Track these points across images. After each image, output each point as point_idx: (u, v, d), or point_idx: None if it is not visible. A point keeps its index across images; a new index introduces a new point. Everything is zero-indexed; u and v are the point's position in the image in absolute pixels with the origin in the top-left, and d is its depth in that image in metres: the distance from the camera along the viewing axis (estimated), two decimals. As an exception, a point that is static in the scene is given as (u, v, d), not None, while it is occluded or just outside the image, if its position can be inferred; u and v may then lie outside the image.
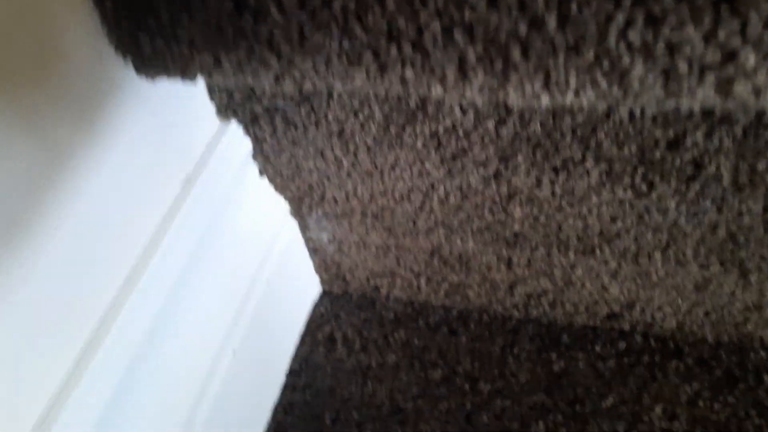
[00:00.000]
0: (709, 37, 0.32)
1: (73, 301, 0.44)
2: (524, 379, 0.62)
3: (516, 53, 0.35)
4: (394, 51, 0.37)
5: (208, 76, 0.44)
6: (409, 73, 0.39)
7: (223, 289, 0.57)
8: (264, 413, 0.64)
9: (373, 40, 0.37)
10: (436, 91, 0.40)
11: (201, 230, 0.52)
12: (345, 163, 0.56)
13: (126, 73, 0.46)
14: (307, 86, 0.44)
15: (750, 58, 0.32)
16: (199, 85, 0.54)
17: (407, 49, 0.37)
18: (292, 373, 0.67)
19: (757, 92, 0.34)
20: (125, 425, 0.48)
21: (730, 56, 0.32)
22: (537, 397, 0.61)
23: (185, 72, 0.44)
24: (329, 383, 0.65)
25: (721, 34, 0.31)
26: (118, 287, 0.47)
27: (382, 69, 0.39)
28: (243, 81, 0.44)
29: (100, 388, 0.45)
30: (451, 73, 0.38)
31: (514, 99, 0.39)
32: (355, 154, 0.55)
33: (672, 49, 0.33)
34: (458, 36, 0.35)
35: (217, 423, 0.55)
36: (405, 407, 0.62)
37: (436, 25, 0.35)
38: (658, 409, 0.58)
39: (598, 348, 0.64)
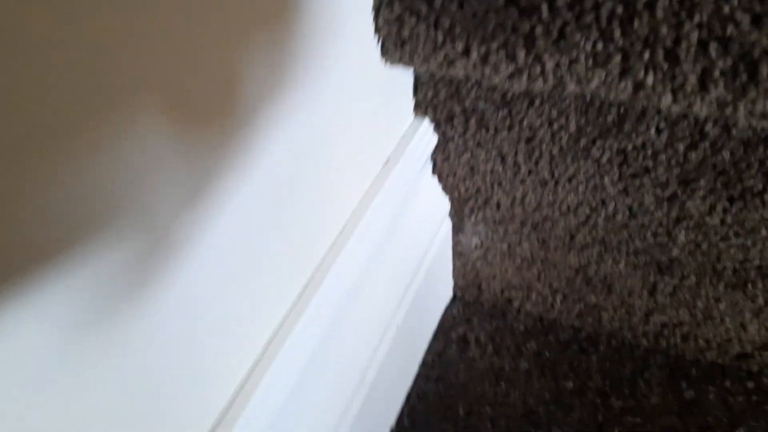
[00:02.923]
0: None
1: (287, 255, 0.49)
2: (655, 401, 0.65)
3: (764, 70, 0.40)
4: (646, 56, 0.42)
5: (448, 66, 0.50)
6: (649, 79, 0.43)
7: (398, 271, 0.62)
8: (399, 398, 0.67)
9: (628, 44, 0.42)
10: (665, 100, 0.45)
11: (394, 211, 0.57)
12: (523, 169, 0.61)
13: (367, 55, 0.52)
14: (537, 85, 0.49)
15: None
16: (407, 78, 0.60)
17: (659, 55, 0.42)
18: (426, 365, 0.70)
19: None
20: (318, 383, 0.51)
21: None
22: (668, 420, 0.63)
23: (428, 60, 0.50)
24: (462, 379, 0.68)
25: None
26: (325, 250, 0.52)
27: (624, 73, 0.44)
28: (478, 74, 0.49)
29: (300, 350, 0.49)
30: (690, 83, 0.43)
31: (739, 115, 0.43)
32: (537, 162, 0.60)
33: None
34: (712, 49, 0.40)
35: (377, 391, 0.59)
36: (537, 410, 0.65)
37: (694, 36, 0.40)
38: (790, 448, 0.60)
39: (727, 384, 0.66)
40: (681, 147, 0.53)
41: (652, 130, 0.53)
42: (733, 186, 0.54)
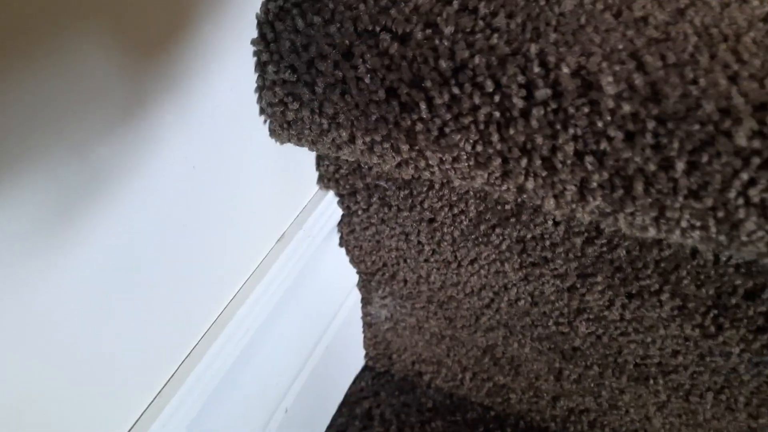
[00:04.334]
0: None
1: (167, 334, 0.46)
2: (555, 493, 0.63)
3: (639, 187, 0.38)
4: (524, 162, 0.41)
5: (336, 151, 0.48)
6: (530, 184, 0.42)
7: (291, 348, 0.59)
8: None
9: (506, 149, 0.41)
10: (548, 204, 0.43)
11: (285, 288, 0.55)
12: (426, 249, 0.59)
13: (254, 132, 0.50)
14: (425, 175, 0.47)
15: None
16: (307, 153, 0.58)
17: (536, 162, 0.40)
18: (326, 442, 0.68)
19: None
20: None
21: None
22: None
23: (316, 143, 0.48)
24: (362, 459, 0.66)
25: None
26: (204, 331, 0.50)
27: (505, 175, 0.42)
28: (367, 161, 0.47)
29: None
30: (570, 192, 0.41)
31: (620, 226, 0.42)
32: (439, 243, 0.58)
33: (787, 211, 0.36)
34: (588, 161, 0.39)
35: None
36: (434, 498, 0.62)
37: (570, 148, 0.39)
38: None
39: (631, 476, 0.64)
40: (578, 241, 0.52)
41: (550, 223, 0.52)
42: (630, 283, 0.53)
